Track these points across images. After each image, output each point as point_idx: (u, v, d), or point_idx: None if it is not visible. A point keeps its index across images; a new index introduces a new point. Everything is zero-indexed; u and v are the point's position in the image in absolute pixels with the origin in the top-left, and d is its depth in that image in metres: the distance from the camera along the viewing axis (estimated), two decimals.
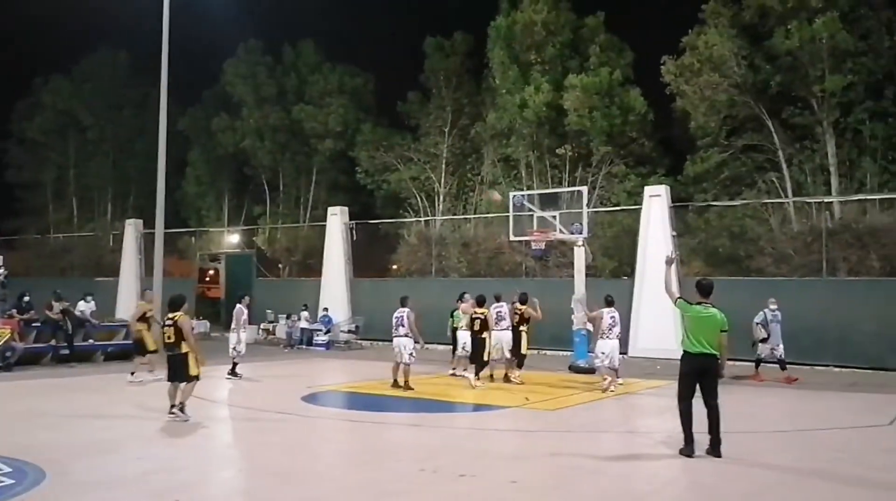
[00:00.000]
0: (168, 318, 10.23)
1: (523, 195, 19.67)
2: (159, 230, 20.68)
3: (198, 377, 10.18)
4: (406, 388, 13.50)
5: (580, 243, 17.93)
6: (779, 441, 9.60)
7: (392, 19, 47.83)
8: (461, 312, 15.33)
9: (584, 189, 19.32)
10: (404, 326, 13.63)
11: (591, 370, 15.32)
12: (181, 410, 10.04)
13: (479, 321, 14.43)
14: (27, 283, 23.92)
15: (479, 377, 14.37)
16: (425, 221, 29.15)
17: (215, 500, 6.94)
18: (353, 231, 26.65)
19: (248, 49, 35.49)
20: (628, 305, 20.05)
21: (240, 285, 26.13)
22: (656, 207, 20.85)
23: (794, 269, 20.75)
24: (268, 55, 35.61)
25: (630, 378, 15.33)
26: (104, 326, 19.76)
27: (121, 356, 17.27)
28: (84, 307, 18.97)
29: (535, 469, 7.95)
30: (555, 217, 18.28)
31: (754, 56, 23.46)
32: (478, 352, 14.42)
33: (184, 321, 10.15)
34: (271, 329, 25.52)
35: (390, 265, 29.90)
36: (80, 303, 19.00)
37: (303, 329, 23.87)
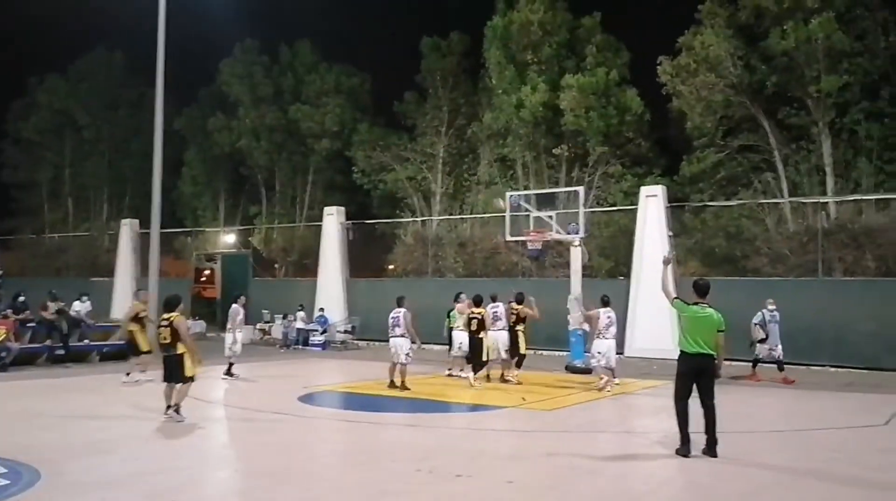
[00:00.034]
0: (163, 319, 10.20)
1: (520, 195, 19.68)
2: (155, 230, 20.63)
3: (193, 379, 10.18)
4: (402, 388, 13.50)
5: (577, 244, 17.93)
6: (775, 441, 9.62)
7: (389, 19, 47.96)
8: (457, 312, 15.36)
9: (581, 189, 19.33)
10: (401, 326, 13.64)
11: (587, 371, 15.33)
12: (176, 411, 10.02)
13: (476, 320, 14.47)
14: (22, 283, 23.91)
15: (477, 377, 14.40)
16: (422, 221, 29.14)
17: None
18: (349, 231, 26.64)
19: (244, 49, 35.41)
20: (625, 305, 20.06)
21: (236, 286, 26.10)
22: (653, 207, 20.88)
23: (790, 269, 20.79)
24: (264, 55, 35.53)
25: (626, 378, 15.35)
26: (99, 326, 19.72)
27: (116, 356, 17.21)
28: (79, 308, 18.95)
29: (532, 470, 7.95)
30: (551, 217, 18.29)
31: (750, 56, 23.49)
32: (476, 352, 14.44)
33: (180, 321, 10.14)
34: (267, 329, 25.48)
35: (387, 265, 29.89)
36: (76, 303, 18.98)
37: (299, 329, 23.83)
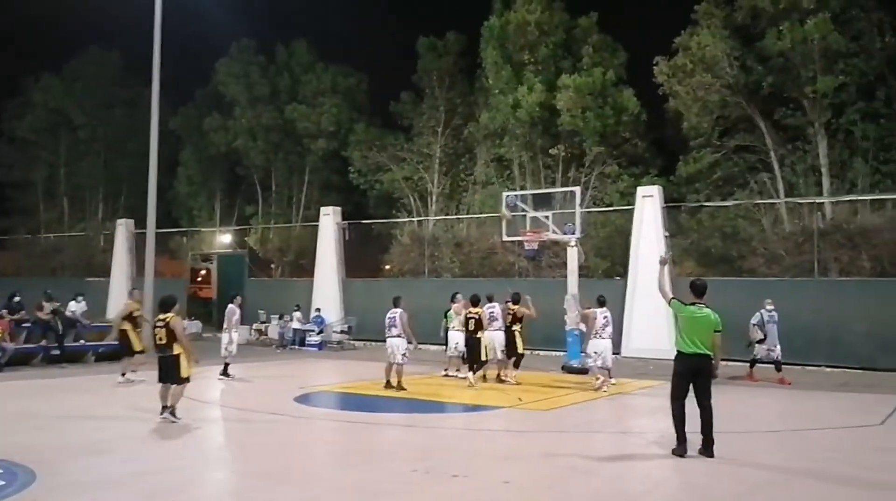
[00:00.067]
0: (159, 319, 10.16)
1: (516, 196, 19.68)
2: (151, 230, 20.61)
3: (188, 380, 10.13)
4: (399, 388, 13.50)
5: (573, 244, 17.95)
6: (771, 441, 9.63)
7: (385, 19, 47.98)
8: (453, 312, 15.35)
9: (577, 189, 19.36)
10: (397, 326, 13.63)
11: (584, 371, 15.34)
12: (172, 414, 9.98)
13: (473, 320, 14.46)
14: (17, 283, 23.85)
15: (477, 377, 14.42)
16: (418, 221, 29.13)
17: None
18: (345, 231, 26.63)
19: (240, 48, 35.36)
20: (621, 305, 20.09)
21: (232, 286, 26.05)
22: (649, 207, 20.90)
23: (786, 269, 20.83)
24: (260, 55, 35.48)
25: (623, 378, 15.37)
26: (95, 326, 19.67)
27: (112, 356, 17.13)
28: (75, 308, 18.94)
29: (528, 470, 7.95)
30: (548, 217, 18.30)
31: (746, 57, 23.52)
32: (474, 352, 14.44)
33: (176, 322, 10.10)
34: (263, 330, 25.46)
35: (383, 266, 29.88)
36: (71, 303, 18.97)
37: (295, 330, 23.82)
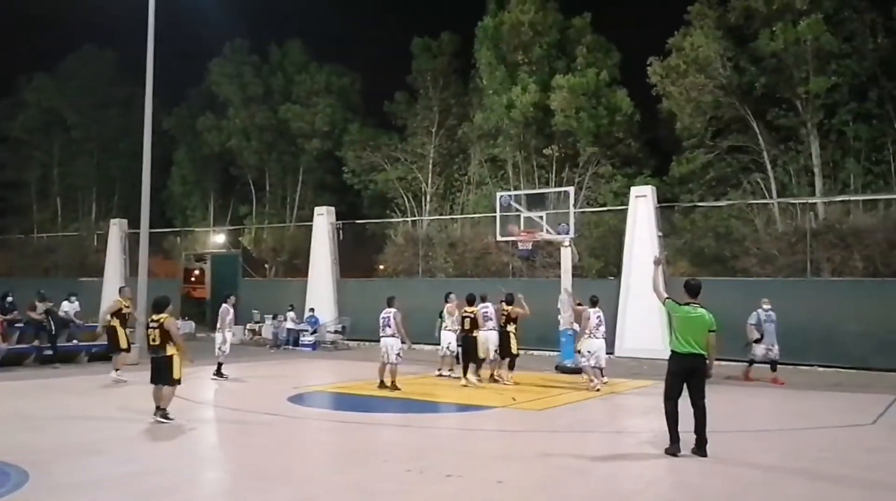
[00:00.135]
0: (153, 319, 10.12)
1: (510, 196, 19.69)
2: (144, 230, 20.53)
3: (179, 381, 10.10)
4: (393, 388, 13.49)
5: (567, 244, 17.96)
6: (764, 441, 9.65)
7: (379, 19, 47.92)
8: (446, 312, 15.35)
9: (571, 190, 19.35)
10: (391, 326, 13.63)
11: (577, 371, 15.33)
12: (164, 416, 9.95)
13: (468, 319, 14.49)
14: (10, 283, 23.70)
15: (479, 376, 14.46)
16: (412, 221, 29.13)
17: None
18: (339, 231, 26.59)
19: (234, 48, 35.34)
20: (615, 305, 20.11)
21: (225, 286, 25.99)
22: (642, 207, 20.92)
23: (779, 269, 20.88)
24: (254, 55, 35.49)
25: (616, 378, 15.40)
26: (88, 326, 19.59)
27: (105, 356, 17.11)
28: (68, 308, 18.84)
29: (522, 470, 7.96)
30: (541, 217, 18.30)
31: (739, 58, 23.62)
32: (471, 350, 14.46)
33: (170, 322, 10.07)
34: (257, 330, 25.41)
35: (377, 266, 29.86)
36: (64, 303, 18.87)
37: (289, 330, 23.79)
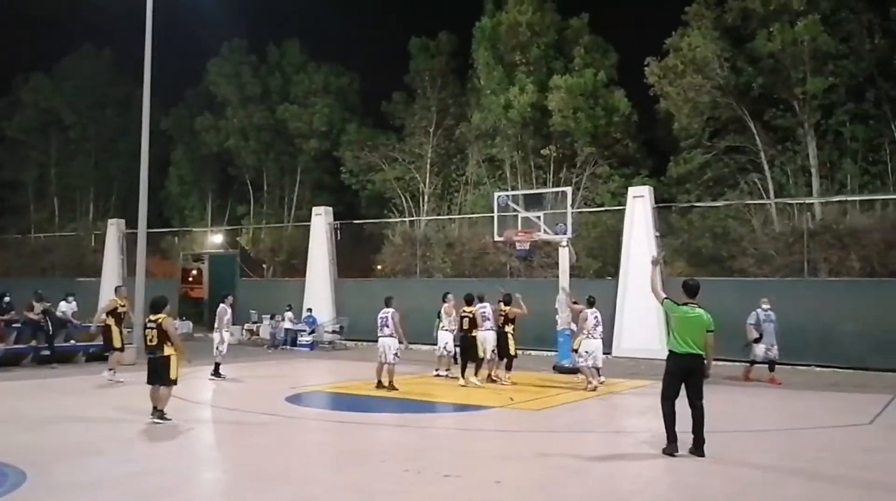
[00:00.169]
0: (150, 319, 10.10)
1: (508, 196, 19.70)
2: (142, 230, 20.51)
3: (176, 382, 10.09)
4: (390, 388, 13.50)
5: (564, 244, 17.96)
6: (761, 441, 9.66)
7: (377, 19, 47.94)
8: (444, 312, 15.34)
9: (569, 190, 19.39)
10: (389, 326, 13.63)
11: (575, 370, 15.35)
12: (161, 416, 9.94)
13: (467, 319, 14.50)
14: (7, 283, 23.70)
15: (479, 376, 14.47)
16: (410, 221, 29.14)
17: None
18: (337, 231, 26.59)
19: (232, 48, 35.32)
20: (612, 305, 20.13)
21: (223, 286, 25.98)
22: (640, 207, 20.94)
23: (776, 269, 20.91)
24: (252, 54, 35.47)
25: (614, 378, 15.41)
26: (85, 326, 19.57)
27: (102, 356, 17.08)
28: (65, 308, 18.82)
29: (520, 469, 7.96)
30: (539, 218, 18.31)
31: (737, 58, 23.66)
32: (470, 350, 14.46)
33: (168, 323, 10.04)
34: (255, 330, 25.39)
35: (375, 266, 29.88)
36: (62, 304, 18.85)
37: (287, 330, 23.76)
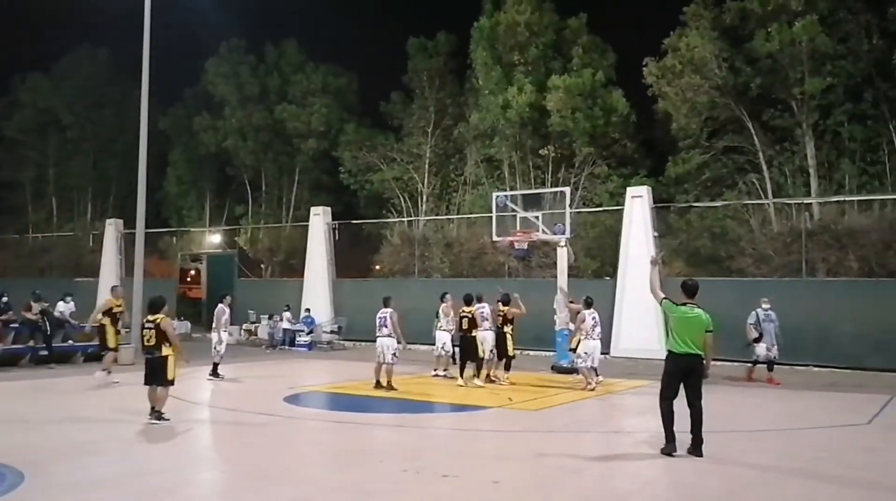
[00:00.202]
0: (148, 319, 10.09)
1: (506, 196, 19.70)
2: (140, 230, 20.50)
3: (173, 382, 10.08)
4: (389, 388, 13.50)
5: (563, 244, 17.97)
6: (759, 441, 9.67)
7: (375, 19, 47.91)
8: (441, 312, 15.32)
9: (567, 190, 19.38)
10: (387, 326, 13.63)
11: (574, 371, 15.37)
12: (158, 417, 9.93)
13: (466, 319, 14.50)
14: (5, 283, 23.68)
15: (478, 376, 14.47)
16: (408, 221, 29.12)
17: None
18: (335, 231, 26.57)
19: (230, 48, 35.26)
20: (610, 305, 20.14)
21: (221, 286, 25.93)
22: (638, 207, 20.94)
23: (774, 269, 20.92)
24: (250, 54, 35.40)
25: (612, 378, 15.42)
26: (83, 326, 19.54)
27: (100, 357, 17.07)
28: (63, 308, 18.83)
29: (518, 470, 7.97)
30: (538, 218, 18.31)
31: (735, 58, 23.65)
32: (470, 350, 14.46)
33: (167, 323, 10.03)
34: (253, 330, 25.38)
35: (373, 266, 29.87)
36: (60, 304, 18.86)
37: (285, 330, 23.76)
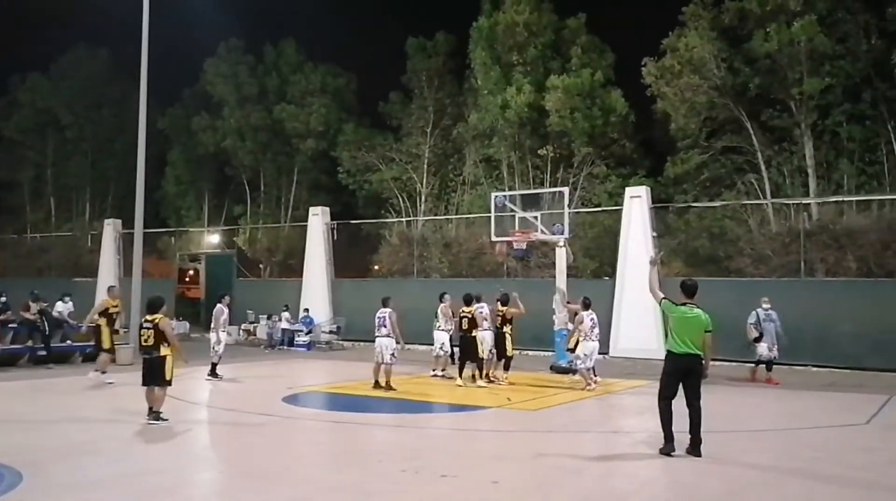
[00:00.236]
0: (146, 320, 10.07)
1: (505, 196, 19.69)
2: (138, 230, 20.48)
3: (171, 382, 10.07)
4: (388, 388, 13.50)
5: (561, 244, 17.97)
6: (758, 441, 9.67)
7: (374, 19, 47.89)
8: (440, 312, 15.30)
9: (566, 190, 19.38)
10: (386, 326, 13.62)
11: (573, 371, 15.37)
12: (156, 418, 9.92)
13: (466, 319, 14.50)
14: (4, 283, 23.65)
15: (477, 376, 14.47)
16: (407, 221, 29.12)
17: None
18: (334, 231, 26.56)
19: (228, 48, 35.23)
20: (609, 305, 20.15)
21: (220, 286, 25.90)
22: (637, 207, 20.93)
23: (773, 269, 20.92)
24: (249, 54, 35.38)
25: (611, 378, 15.43)
26: (81, 327, 19.51)
27: (97, 357, 17.06)
28: (62, 308, 18.81)
29: (517, 469, 7.97)
30: (536, 218, 18.31)
31: (734, 58, 23.66)
32: (470, 350, 14.46)
33: (165, 323, 10.01)
34: (252, 330, 25.39)
35: (372, 266, 29.85)
36: (58, 304, 18.84)
37: (284, 330, 23.77)
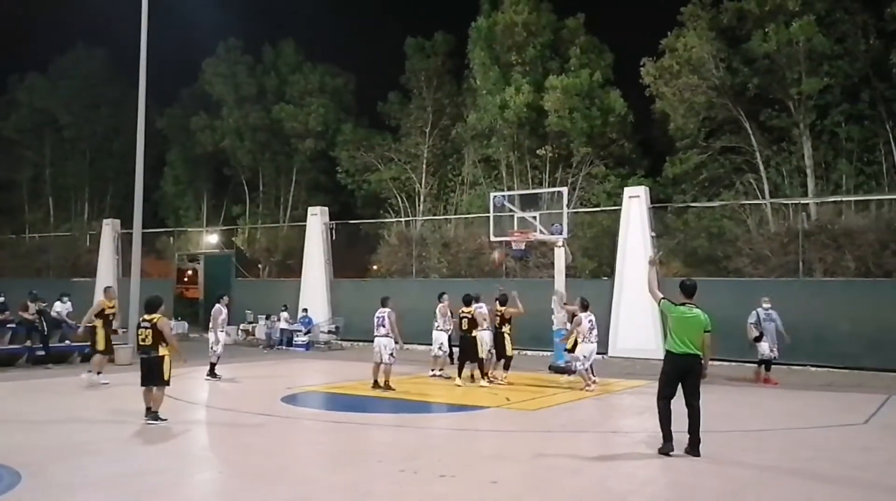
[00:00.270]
0: (144, 319, 10.06)
1: (504, 196, 19.69)
2: (137, 230, 20.47)
3: (168, 382, 10.06)
4: (386, 388, 13.49)
5: (560, 244, 17.97)
6: (757, 441, 9.68)
7: (373, 19, 47.85)
8: (438, 312, 15.29)
9: (565, 190, 19.37)
10: (385, 326, 13.61)
11: (569, 371, 15.36)
12: (154, 418, 9.90)
13: (466, 320, 14.51)
14: (2, 283, 23.62)
15: (476, 376, 14.46)
16: (406, 221, 29.12)
17: None
18: (333, 231, 26.55)
19: (227, 48, 35.23)
20: (608, 305, 20.15)
21: (219, 286, 25.90)
22: (635, 207, 20.93)
23: (772, 269, 20.93)
24: (248, 54, 35.37)
25: (609, 378, 15.43)
26: (79, 327, 19.50)
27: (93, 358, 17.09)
28: (60, 308, 18.78)
29: (516, 469, 7.97)
30: (535, 218, 18.31)
31: (732, 59, 23.69)
32: (470, 351, 14.47)
33: (163, 323, 9.99)
34: (251, 330, 25.37)
35: (371, 266, 29.84)
36: (57, 304, 18.81)
37: (282, 330, 23.76)
